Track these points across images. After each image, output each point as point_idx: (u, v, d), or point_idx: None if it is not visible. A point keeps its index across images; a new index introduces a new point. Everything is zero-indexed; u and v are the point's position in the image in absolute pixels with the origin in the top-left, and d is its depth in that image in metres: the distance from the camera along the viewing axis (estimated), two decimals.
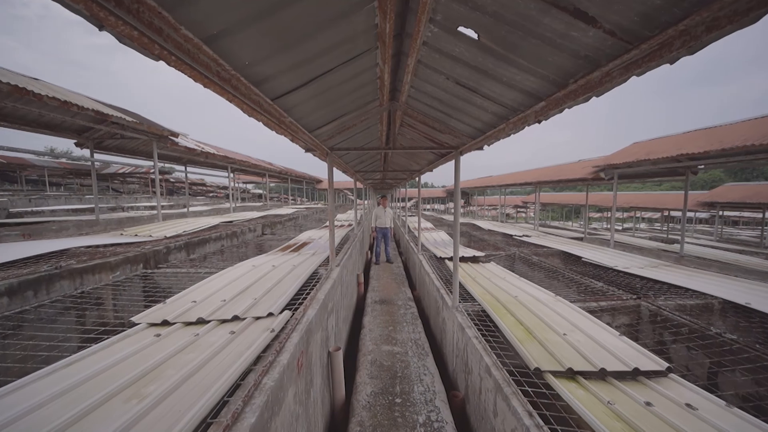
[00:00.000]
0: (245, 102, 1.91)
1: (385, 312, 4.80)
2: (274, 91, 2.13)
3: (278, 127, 2.32)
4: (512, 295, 3.82)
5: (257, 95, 2.02)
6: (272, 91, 2.12)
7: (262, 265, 3.53)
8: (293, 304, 2.39)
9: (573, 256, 6.42)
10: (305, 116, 2.86)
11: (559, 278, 4.95)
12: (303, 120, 2.90)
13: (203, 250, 4.77)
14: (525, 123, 2.53)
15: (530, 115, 2.38)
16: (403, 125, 4.57)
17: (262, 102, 2.10)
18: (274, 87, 2.09)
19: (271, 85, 2.06)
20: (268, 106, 2.01)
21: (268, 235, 7.06)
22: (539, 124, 2.58)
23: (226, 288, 2.63)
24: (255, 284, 2.76)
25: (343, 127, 3.42)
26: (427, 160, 6.17)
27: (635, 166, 6.33)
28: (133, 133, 6.68)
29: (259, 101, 2.07)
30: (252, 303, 2.28)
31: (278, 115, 2.16)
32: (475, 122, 3.13)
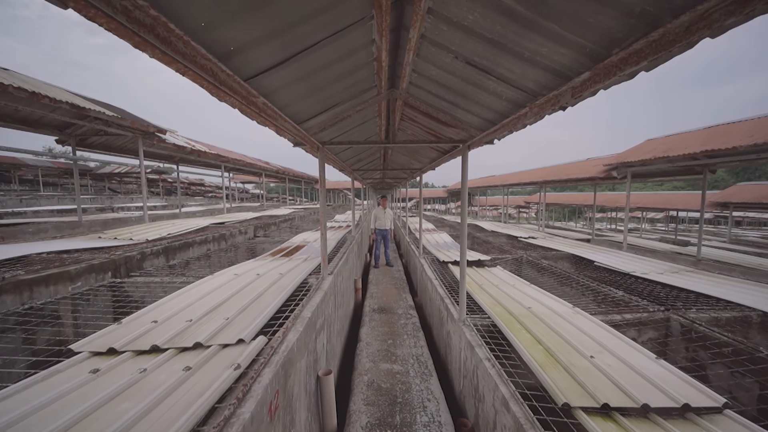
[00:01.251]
0: (207, 79, 1.53)
1: (384, 322, 4.42)
2: (246, 68, 1.75)
3: (257, 115, 1.94)
4: (525, 307, 3.44)
5: (224, 72, 1.63)
6: (244, 68, 1.74)
7: (246, 274, 3.15)
8: (273, 324, 2.01)
9: (584, 260, 6.03)
10: (291, 104, 2.48)
11: (573, 285, 4.56)
12: (288, 109, 2.53)
13: (186, 254, 4.40)
14: (545, 111, 2.15)
15: (552, 100, 2.00)
16: (404, 119, 4.19)
17: (232, 83, 1.72)
18: (246, 63, 1.71)
19: (241, 61, 1.68)
20: (240, 88, 1.63)
21: (261, 238, 6.69)
22: (563, 111, 2.20)
23: (197, 304, 2.25)
24: (232, 298, 2.38)
25: (337, 119, 3.04)
26: (429, 157, 5.79)
27: (651, 164, 5.94)
28: (118, 130, 6.31)
29: (228, 81, 1.69)
30: (222, 324, 1.90)
31: (254, 98, 1.78)
32: (486, 112, 2.75)
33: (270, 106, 1.87)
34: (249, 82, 1.85)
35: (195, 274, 3.37)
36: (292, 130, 2.59)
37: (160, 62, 1.35)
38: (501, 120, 2.67)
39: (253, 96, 1.68)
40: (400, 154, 6.68)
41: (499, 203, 30.18)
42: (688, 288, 3.99)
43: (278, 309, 2.30)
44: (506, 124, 2.56)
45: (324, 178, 3.15)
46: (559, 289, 4.57)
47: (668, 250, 7.60)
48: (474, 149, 4.20)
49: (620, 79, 1.56)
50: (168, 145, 6.81)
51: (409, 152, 6.16)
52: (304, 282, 3.08)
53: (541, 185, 9.84)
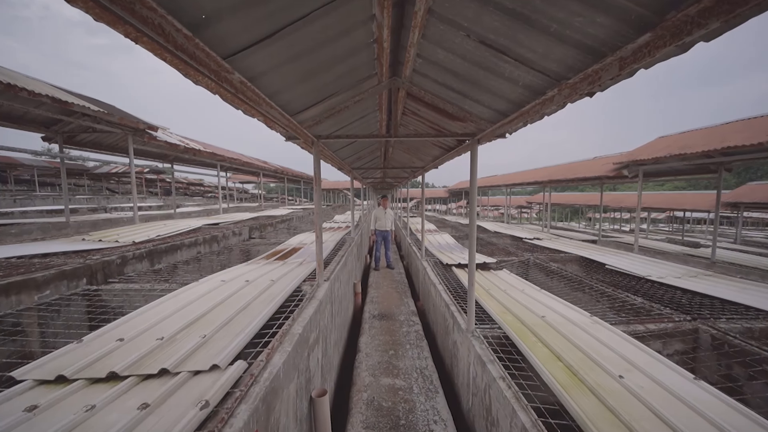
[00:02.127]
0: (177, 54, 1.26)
1: (384, 330, 4.15)
2: (224, 43, 1.48)
3: (234, 96, 1.67)
4: (538, 315, 3.17)
5: (197, 47, 1.36)
6: (222, 43, 1.47)
7: (234, 280, 2.88)
8: (257, 343, 1.74)
9: (595, 263, 5.76)
10: (281, 92, 2.22)
11: (586, 290, 4.29)
12: (279, 98, 2.26)
13: (174, 258, 4.12)
14: (572, 95, 1.88)
15: (583, 82, 1.72)
16: (406, 113, 3.92)
17: (208, 61, 1.45)
18: (222, 36, 1.44)
19: (217, 33, 1.41)
20: (209, 59, 1.36)
21: (256, 239, 6.42)
22: (590, 97, 1.93)
23: (174, 317, 1.98)
24: (214, 310, 2.11)
25: (333, 110, 2.77)
26: (431, 155, 5.53)
27: (664, 162, 5.67)
28: (106, 127, 6.05)
29: (203, 59, 1.42)
30: (198, 344, 1.63)
31: (227, 74, 1.51)
32: (498, 102, 2.48)
33: (249, 86, 1.60)
34: (231, 62, 1.58)
35: (180, 280, 3.11)
36: (283, 120, 2.32)
37: (107, 25, 1.07)
38: (515, 110, 2.40)
39: (226, 72, 1.41)
40: (402, 152, 6.41)
41: (500, 203, 29.90)
42: (711, 294, 3.72)
43: (266, 322, 2.03)
44: (523, 113, 2.29)
45: (319, 175, 2.89)
46: (571, 294, 4.30)
47: (679, 252, 7.32)
48: (480, 145, 3.94)
49: (671, 50, 1.28)
50: (160, 142, 6.54)
51: (410, 150, 5.89)
52: (297, 289, 2.81)
53: (546, 185, 9.56)
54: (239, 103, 1.69)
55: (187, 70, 1.32)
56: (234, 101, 1.64)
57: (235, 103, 1.67)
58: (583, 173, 7.90)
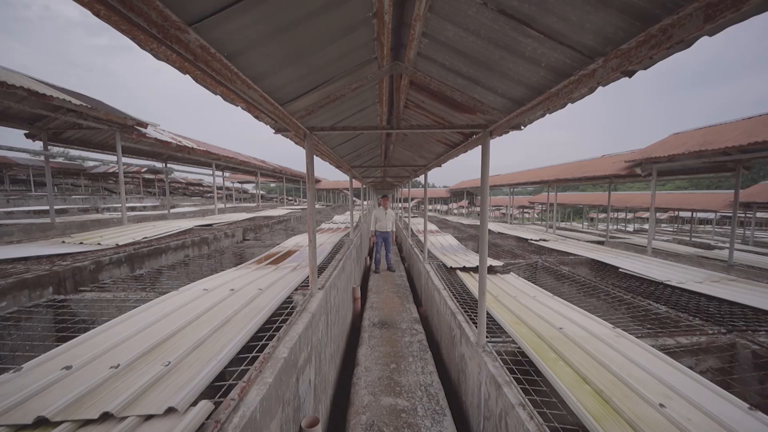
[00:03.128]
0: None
1: (385, 340, 3.85)
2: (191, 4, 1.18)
3: (193, 67, 1.36)
4: (555, 327, 2.87)
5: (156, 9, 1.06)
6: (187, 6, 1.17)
7: (218, 289, 2.59)
8: (233, 372, 1.45)
9: (607, 266, 5.46)
10: (267, 75, 1.93)
11: (602, 296, 3.99)
12: (265, 82, 1.97)
13: (158, 262, 3.83)
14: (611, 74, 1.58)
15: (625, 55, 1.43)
16: (409, 106, 3.62)
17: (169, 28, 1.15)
18: None
19: None
20: (164, 20, 1.06)
21: (251, 241, 6.12)
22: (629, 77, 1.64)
23: (137, 337, 1.69)
24: (187, 328, 1.82)
25: (328, 99, 2.48)
26: (434, 152, 5.23)
27: (679, 159, 5.37)
28: (93, 123, 5.76)
29: (164, 26, 1.12)
30: (158, 374, 1.34)
31: (179, 33, 1.20)
32: (514, 89, 2.19)
33: (211, 51, 1.29)
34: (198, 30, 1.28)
35: (160, 288, 2.82)
36: (270, 108, 2.02)
37: None
38: (534, 97, 2.11)
39: (177, 29, 1.10)
40: (403, 149, 6.12)
41: (502, 203, 29.60)
42: (740, 302, 3.41)
43: (247, 342, 1.74)
44: (544, 100, 1.99)
45: (312, 172, 2.59)
46: (585, 301, 4.00)
47: (692, 254, 7.02)
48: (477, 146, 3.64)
49: None
50: (150, 140, 6.25)
51: (413, 147, 5.59)
52: (288, 300, 2.51)
53: (552, 184, 9.26)
54: (205, 79, 1.39)
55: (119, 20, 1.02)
56: (194, 73, 1.33)
57: (199, 77, 1.36)
58: (592, 172, 7.60)
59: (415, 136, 4.94)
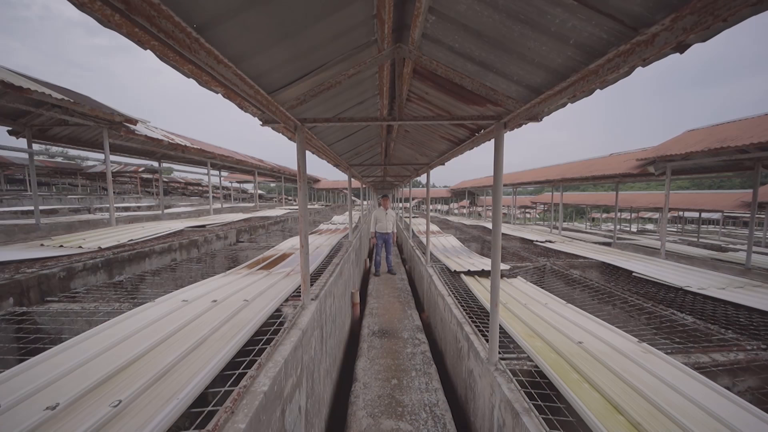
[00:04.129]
0: None
1: (386, 351, 3.57)
2: None
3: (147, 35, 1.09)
4: (574, 341, 2.60)
5: None
6: None
7: (199, 300, 2.31)
8: (199, 412, 1.18)
9: (619, 270, 5.18)
10: (249, 56, 1.65)
11: (618, 304, 3.72)
12: (245, 63, 1.69)
13: (141, 267, 3.56)
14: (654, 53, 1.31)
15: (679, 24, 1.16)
16: (411, 98, 3.35)
17: None
18: None
19: None
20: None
21: (245, 243, 5.85)
22: (680, 53, 1.37)
23: (91, 365, 1.41)
24: (153, 352, 1.54)
25: (322, 87, 2.20)
26: (438, 150, 4.96)
27: (697, 157, 5.09)
28: (79, 119, 5.49)
29: None
30: (102, 419, 1.07)
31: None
32: (533, 74, 1.91)
33: (166, 11, 1.00)
34: None
35: (137, 297, 2.55)
36: (250, 92, 1.75)
37: None
38: (557, 82, 1.83)
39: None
40: (404, 147, 5.84)
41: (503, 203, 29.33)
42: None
43: (221, 370, 1.47)
44: (571, 85, 1.71)
45: (304, 168, 2.32)
46: (602, 310, 3.73)
47: (706, 257, 6.74)
48: (487, 140, 3.37)
49: None
50: (139, 137, 5.98)
51: (414, 144, 5.32)
52: (277, 312, 2.24)
53: (558, 183, 8.98)
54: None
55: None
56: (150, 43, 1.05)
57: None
58: (601, 171, 7.33)
59: (418, 133, 4.67)
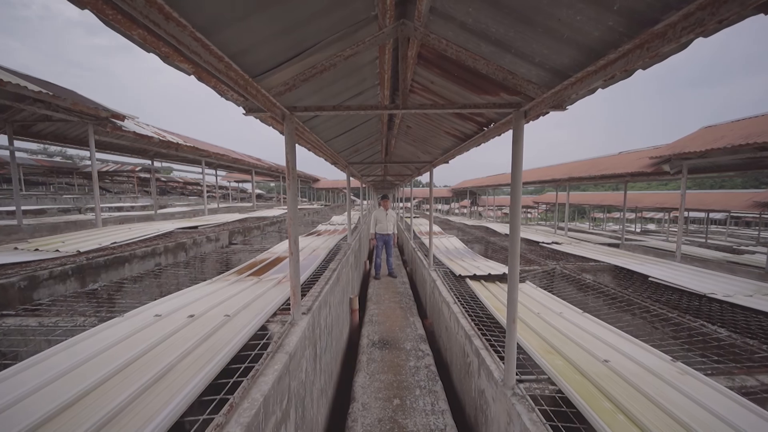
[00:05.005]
0: None
1: (387, 364, 3.29)
2: None
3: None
4: (599, 359, 2.31)
5: None
6: None
7: (175, 314, 2.03)
8: None
9: (633, 274, 4.90)
10: (224, 26, 1.37)
11: (637, 313, 3.43)
12: (221, 37, 1.41)
13: (120, 273, 3.27)
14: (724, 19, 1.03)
15: None
16: (415, 89, 3.06)
17: None
18: None
19: None
20: None
21: (238, 245, 5.56)
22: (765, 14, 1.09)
23: (20, 407, 1.14)
24: (103, 386, 1.26)
25: (314, 70, 1.91)
26: (441, 147, 4.67)
27: (717, 154, 4.80)
28: (64, 114, 5.20)
29: None
30: None
31: None
32: (561, 53, 1.63)
33: None
34: None
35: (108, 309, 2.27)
36: (226, 72, 1.46)
37: None
38: (591, 61, 1.55)
39: None
40: (406, 144, 5.55)
41: (505, 203, 29.04)
42: None
43: (184, 412, 1.18)
44: (612, 62, 1.43)
45: (294, 164, 2.03)
46: (621, 319, 3.44)
47: (721, 259, 6.46)
48: (494, 137, 3.08)
49: None
50: (128, 133, 5.69)
51: (417, 141, 5.03)
52: (262, 330, 1.95)
53: (564, 183, 8.68)
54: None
55: None
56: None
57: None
58: (611, 169, 7.03)
59: (420, 129, 4.38)
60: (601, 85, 1.70)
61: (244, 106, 1.95)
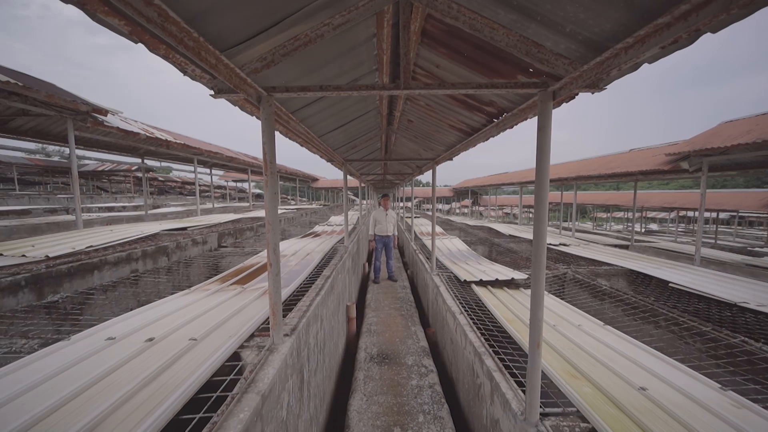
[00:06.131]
0: None
1: (386, 384, 2.95)
2: None
3: None
4: (634, 386, 1.98)
5: None
6: None
7: (131, 336, 1.69)
8: None
9: (651, 279, 4.56)
10: None
11: (662, 324, 3.10)
12: None
13: (89, 282, 2.93)
14: None
15: None
16: (417, 75, 2.73)
17: None
18: None
19: None
20: None
21: (228, 248, 5.23)
22: None
23: None
24: None
25: (296, 42, 1.57)
26: (445, 143, 4.34)
27: (743, 150, 4.46)
28: (43, 108, 4.87)
29: None
30: None
31: None
32: (602, 17, 1.29)
33: None
34: None
35: (56, 329, 1.93)
36: (183, 40, 1.12)
37: None
38: (644, 24, 1.21)
39: None
40: (407, 141, 5.22)
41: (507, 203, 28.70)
42: None
43: None
44: (667, 25, 1.09)
45: (273, 155, 1.68)
46: (648, 332, 3.11)
47: (739, 262, 6.11)
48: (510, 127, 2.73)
49: None
50: (111, 129, 5.35)
51: (418, 137, 4.69)
52: (233, 357, 1.60)
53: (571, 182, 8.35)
54: None
55: None
56: None
57: None
58: (624, 167, 6.69)
59: (423, 123, 4.04)
60: (654, 56, 1.36)
61: (213, 86, 1.61)
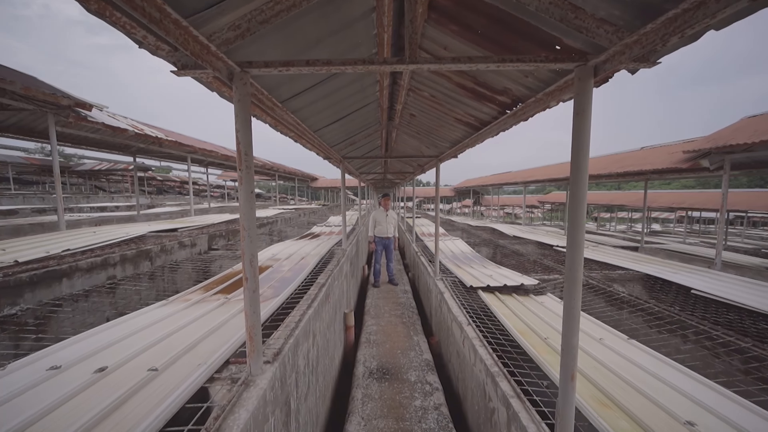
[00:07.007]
0: None
1: (387, 404, 2.66)
2: None
3: None
4: (678, 419, 1.69)
5: None
6: None
7: (79, 365, 1.39)
8: None
9: (670, 285, 4.26)
10: None
11: (691, 337, 2.81)
12: None
13: (57, 291, 2.64)
14: None
15: None
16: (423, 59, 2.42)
17: None
18: None
19: None
20: None
21: (218, 251, 4.94)
22: None
23: None
24: None
25: (277, 5, 1.28)
26: (450, 139, 4.04)
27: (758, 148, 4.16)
28: (23, 103, 4.58)
29: None
30: None
31: None
32: None
33: None
34: None
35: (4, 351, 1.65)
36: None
37: None
38: None
39: None
40: (408, 137, 4.92)
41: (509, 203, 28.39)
42: None
43: None
44: None
45: (249, 143, 1.37)
46: (678, 348, 2.81)
47: (759, 266, 5.80)
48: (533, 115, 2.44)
49: None
50: (96, 125, 5.05)
51: (421, 133, 4.40)
52: (199, 395, 1.30)
53: None
54: None
55: None
56: None
57: None
58: (637, 165, 6.38)
59: (426, 116, 3.75)
60: (723, 20, 1.06)
61: (175, 61, 1.32)
